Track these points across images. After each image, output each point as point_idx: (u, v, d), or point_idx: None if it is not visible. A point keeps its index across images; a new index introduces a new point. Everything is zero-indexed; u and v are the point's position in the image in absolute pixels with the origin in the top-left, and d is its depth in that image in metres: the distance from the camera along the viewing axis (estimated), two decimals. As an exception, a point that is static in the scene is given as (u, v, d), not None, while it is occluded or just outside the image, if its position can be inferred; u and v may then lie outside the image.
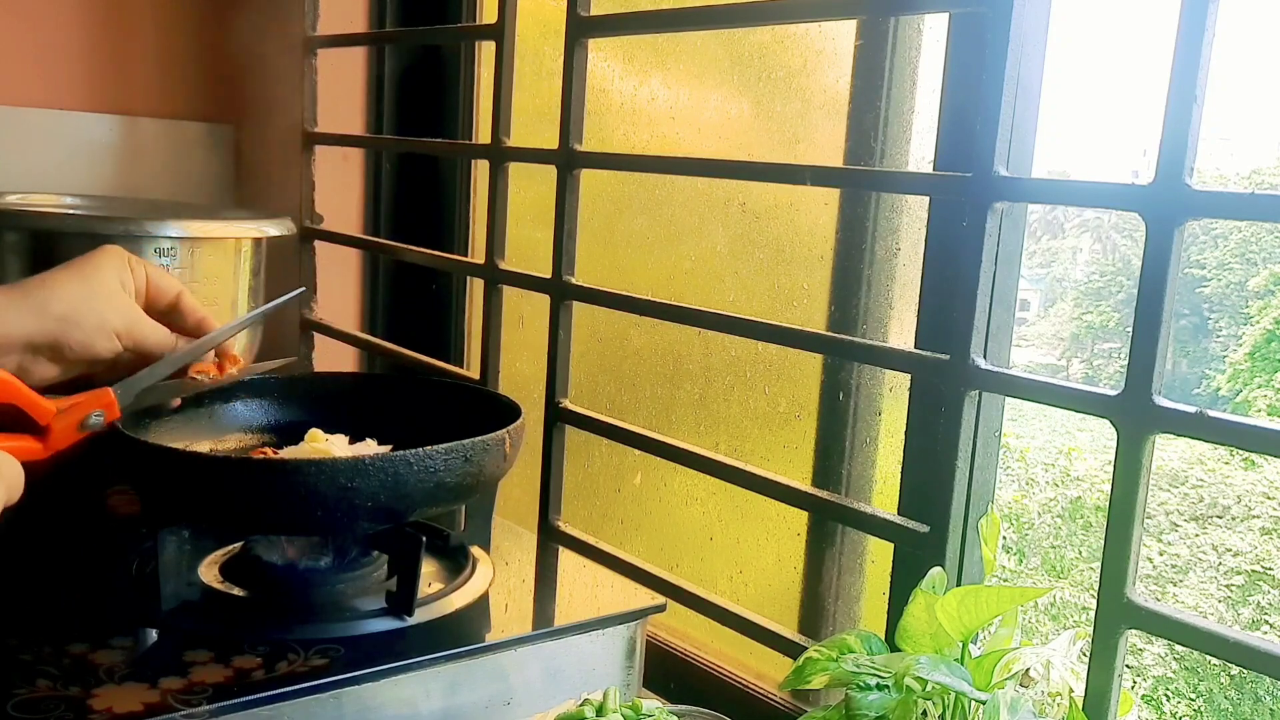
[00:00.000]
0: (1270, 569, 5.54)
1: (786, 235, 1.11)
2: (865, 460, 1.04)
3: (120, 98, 1.56)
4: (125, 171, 1.56)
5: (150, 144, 1.58)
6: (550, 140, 1.11)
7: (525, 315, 1.29)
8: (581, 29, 1.08)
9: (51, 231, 1.14)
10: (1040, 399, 0.78)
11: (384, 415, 1.01)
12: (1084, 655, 0.74)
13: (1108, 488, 0.72)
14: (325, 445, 0.90)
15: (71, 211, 1.36)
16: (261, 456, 0.92)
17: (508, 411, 0.91)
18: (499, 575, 0.93)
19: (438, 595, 0.87)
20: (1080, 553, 6.06)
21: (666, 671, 1.10)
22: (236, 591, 0.86)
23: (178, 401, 0.93)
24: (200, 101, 1.60)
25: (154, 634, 0.79)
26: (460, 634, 0.83)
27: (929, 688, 0.69)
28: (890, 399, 1.02)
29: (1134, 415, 0.70)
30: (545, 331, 1.13)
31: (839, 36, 1.04)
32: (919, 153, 0.98)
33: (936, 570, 0.77)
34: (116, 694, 0.70)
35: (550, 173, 1.11)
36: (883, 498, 1.02)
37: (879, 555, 1.02)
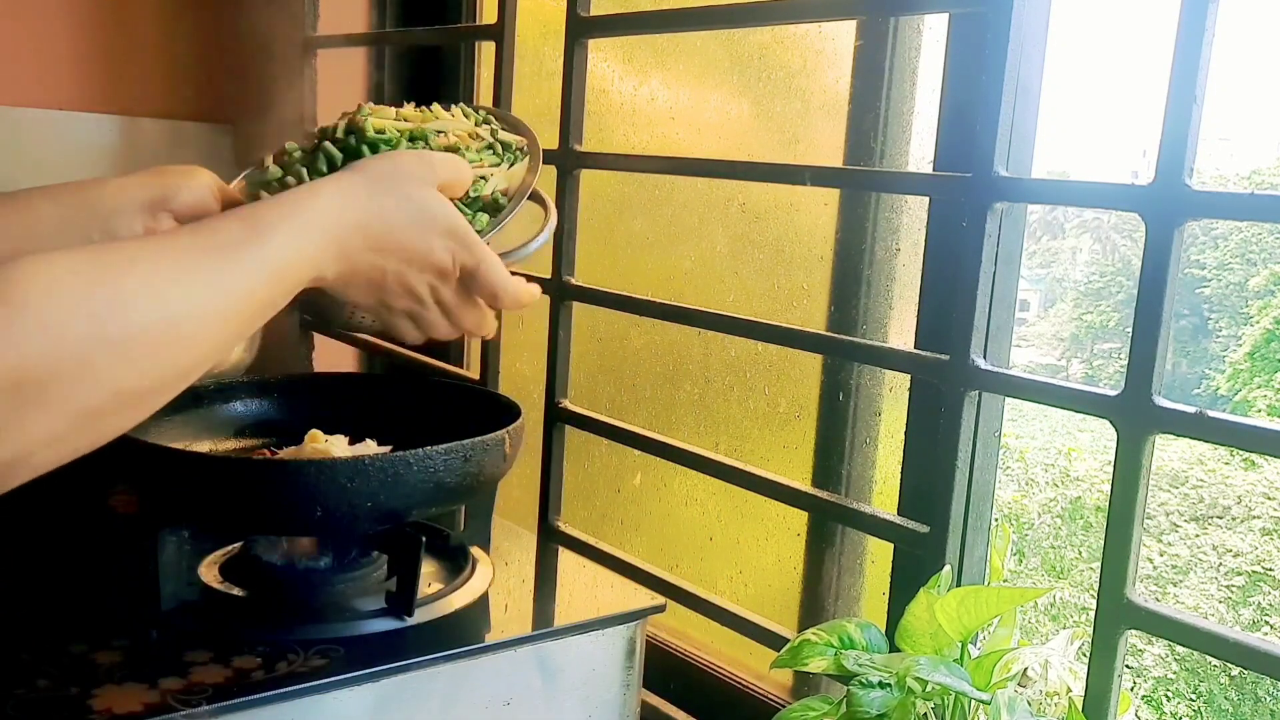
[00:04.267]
0: (1271, 570, 5.54)
1: (786, 236, 1.11)
2: (865, 460, 1.04)
3: (120, 98, 1.56)
4: (125, 172, 1.55)
5: (150, 144, 1.57)
6: (550, 141, 1.11)
7: (525, 315, 1.29)
8: (581, 29, 1.08)
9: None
10: (1040, 399, 0.78)
11: (384, 415, 1.01)
12: (1083, 655, 0.74)
13: (1107, 488, 0.72)
14: (325, 445, 0.90)
15: (71, 211, 1.36)
16: (261, 457, 0.92)
17: (507, 412, 0.91)
18: (499, 575, 0.93)
19: (437, 595, 0.87)
20: (1080, 553, 6.07)
21: (666, 671, 1.10)
22: (236, 591, 0.86)
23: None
24: (200, 101, 1.60)
25: (154, 634, 0.79)
26: (460, 634, 0.83)
27: (929, 688, 0.69)
28: (890, 399, 1.02)
29: (1134, 415, 0.70)
30: (545, 331, 1.13)
31: (839, 37, 1.04)
32: (919, 153, 0.98)
33: (945, 570, 0.77)
34: (116, 694, 0.70)
35: (550, 173, 1.11)
36: (882, 498, 1.02)
37: (879, 555, 1.02)
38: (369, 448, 0.93)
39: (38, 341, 0.49)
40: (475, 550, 0.95)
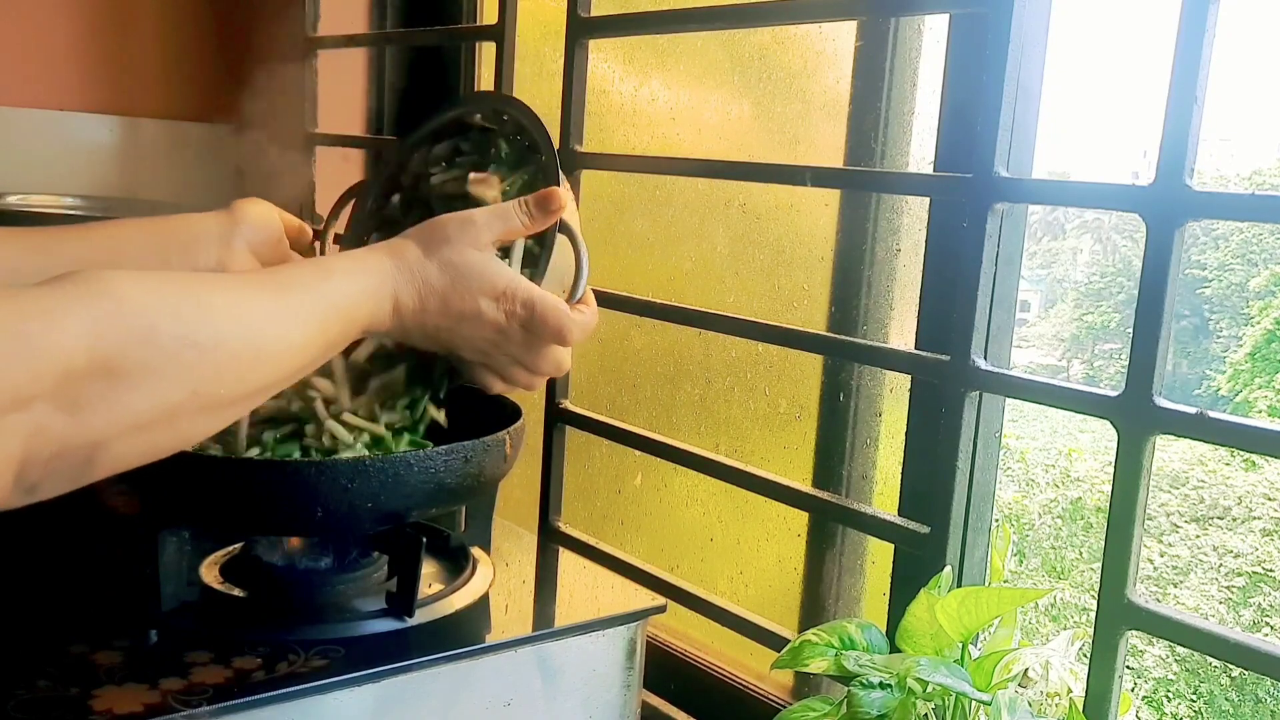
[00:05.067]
0: (1271, 570, 5.54)
1: (787, 236, 1.11)
2: (865, 461, 1.04)
3: (120, 98, 1.56)
4: (125, 172, 1.56)
5: (150, 144, 1.58)
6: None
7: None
8: (582, 30, 1.08)
9: (52, 232, 1.13)
10: (1041, 400, 0.78)
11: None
12: (1083, 656, 0.74)
13: (1108, 489, 0.72)
14: None
15: (71, 212, 1.36)
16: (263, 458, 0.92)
17: (508, 412, 0.91)
18: (499, 576, 0.93)
19: (438, 596, 0.87)
20: (1080, 554, 6.07)
21: (667, 672, 1.10)
22: (237, 592, 0.86)
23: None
24: (200, 102, 1.60)
25: (154, 634, 0.79)
26: (460, 635, 0.83)
27: (929, 689, 0.69)
28: (891, 400, 1.02)
29: (1134, 416, 0.70)
30: (545, 332, 1.13)
31: (839, 38, 1.04)
32: (919, 153, 0.98)
33: (946, 571, 0.77)
34: (116, 694, 0.70)
35: (551, 173, 1.11)
36: (883, 499, 1.02)
37: (879, 556, 1.02)
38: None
39: (135, 333, 0.54)
40: (476, 551, 0.95)
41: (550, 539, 1.14)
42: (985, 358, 0.80)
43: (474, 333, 0.75)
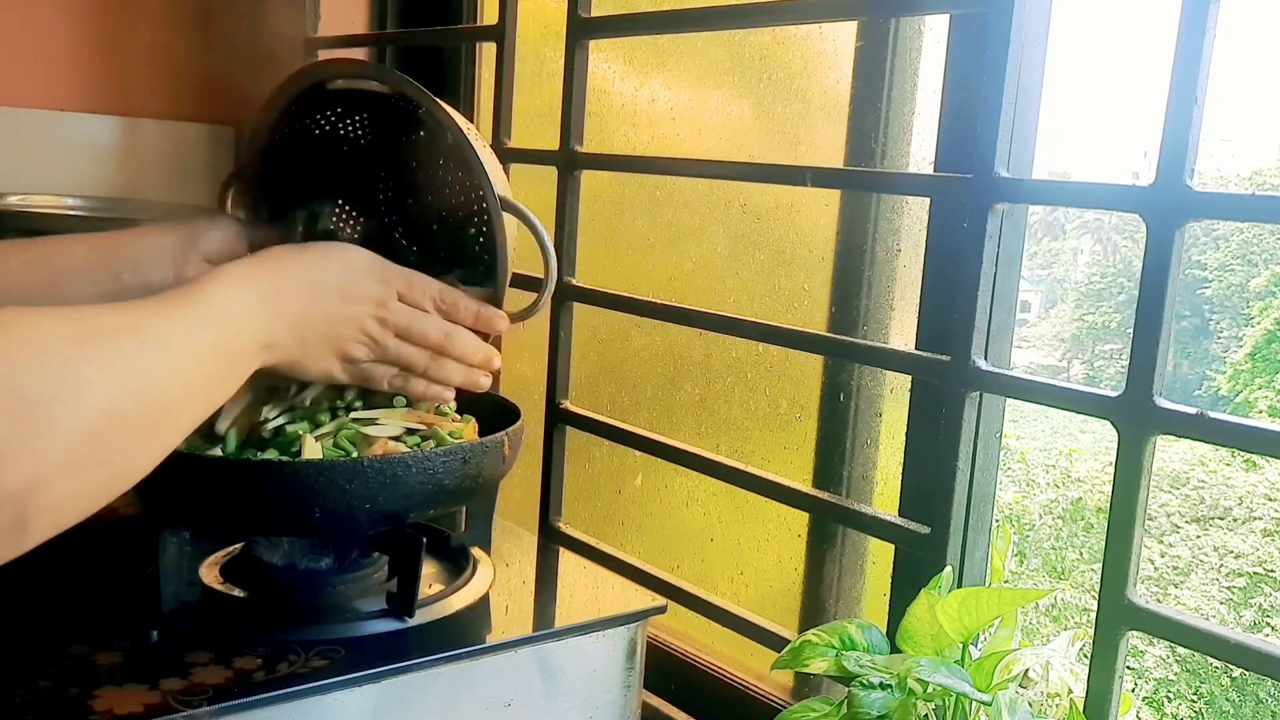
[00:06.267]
0: (1272, 571, 5.54)
1: (787, 236, 1.11)
2: (866, 461, 1.04)
3: (120, 98, 1.56)
4: (125, 172, 1.56)
5: (150, 145, 1.58)
6: (551, 141, 1.11)
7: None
8: (582, 30, 1.09)
9: (52, 232, 1.13)
10: (1041, 400, 0.78)
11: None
12: (1084, 656, 0.74)
13: (1109, 489, 0.72)
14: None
15: (71, 212, 1.36)
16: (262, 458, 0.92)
17: (507, 414, 0.91)
18: (499, 576, 0.93)
19: (438, 596, 0.87)
20: (1081, 554, 6.06)
21: (667, 673, 1.10)
22: (237, 592, 0.86)
23: None
24: (200, 102, 1.60)
25: (154, 635, 0.79)
26: (461, 635, 0.83)
27: (930, 689, 0.69)
28: (891, 400, 1.02)
29: (1135, 416, 0.70)
30: (545, 333, 1.13)
31: (839, 38, 1.04)
32: (920, 154, 0.98)
33: (946, 571, 0.77)
34: (116, 695, 0.70)
35: (551, 174, 1.11)
36: (883, 499, 1.02)
37: (880, 556, 1.02)
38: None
39: (28, 359, 0.52)
40: (476, 551, 0.95)
41: (550, 539, 1.14)
42: (985, 358, 0.80)
43: (358, 309, 0.75)
